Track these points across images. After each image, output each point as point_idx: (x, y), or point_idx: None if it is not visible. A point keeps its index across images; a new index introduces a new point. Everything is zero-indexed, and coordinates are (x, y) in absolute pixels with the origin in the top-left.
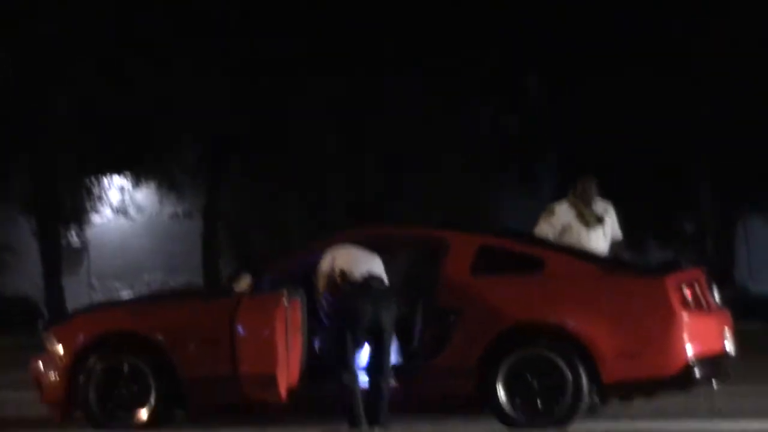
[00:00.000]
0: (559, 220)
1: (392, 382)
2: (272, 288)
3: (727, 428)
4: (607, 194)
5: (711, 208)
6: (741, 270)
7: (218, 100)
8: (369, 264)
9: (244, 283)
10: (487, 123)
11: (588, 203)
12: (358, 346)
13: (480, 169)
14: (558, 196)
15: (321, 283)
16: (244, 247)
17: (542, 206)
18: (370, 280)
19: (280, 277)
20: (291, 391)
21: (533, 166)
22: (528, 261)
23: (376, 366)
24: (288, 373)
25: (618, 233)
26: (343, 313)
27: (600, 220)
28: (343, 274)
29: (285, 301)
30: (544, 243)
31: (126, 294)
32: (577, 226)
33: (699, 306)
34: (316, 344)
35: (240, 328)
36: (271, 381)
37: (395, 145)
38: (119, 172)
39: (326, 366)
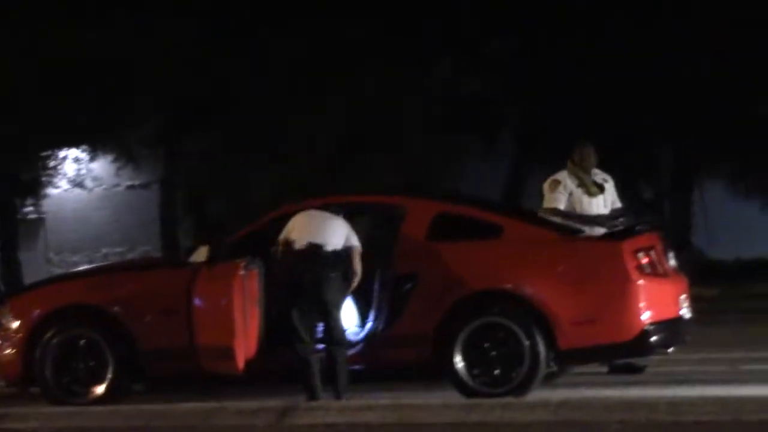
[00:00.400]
0: (566, 189)
1: (349, 352)
2: (229, 258)
3: (683, 393)
4: (566, 159)
5: (669, 173)
6: (698, 235)
7: (176, 68)
8: (316, 233)
9: (201, 253)
10: (447, 86)
11: (587, 171)
12: (310, 316)
13: (439, 132)
14: (518, 163)
15: (277, 253)
16: (203, 218)
17: (503, 172)
18: (312, 249)
19: (237, 247)
20: (249, 363)
21: (494, 130)
22: (486, 227)
23: (328, 337)
24: (246, 344)
25: (617, 201)
26: (287, 283)
27: (601, 188)
28: (287, 243)
29: (242, 271)
30: (501, 208)
31: (83, 267)
32: (579, 195)
33: (655, 271)
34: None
35: (197, 299)
36: (229, 352)
37: (356, 108)
38: (76, 144)
39: (284, 337)
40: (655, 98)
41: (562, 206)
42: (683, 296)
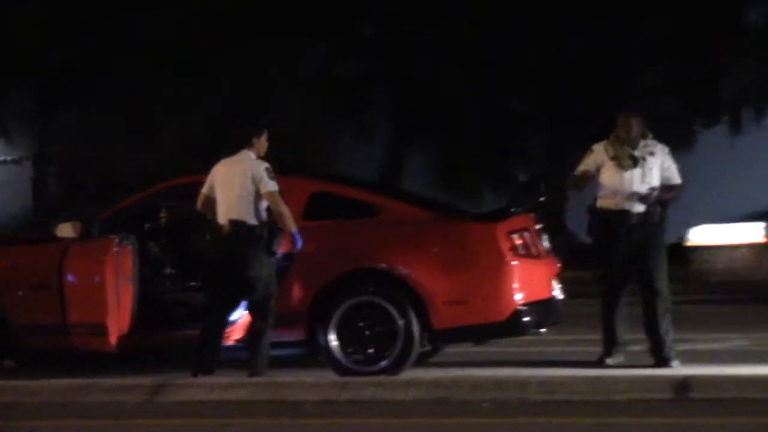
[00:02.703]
0: (594, 160)
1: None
2: (102, 234)
3: (554, 374)
4: (440, 141)
5: (543, 155)
6: (572, 217)
7: (48, 43)
8: (228, 207)
9: (70, 228)
10: (322, 68)
11: (624, 142)
12: (219, 293)
13: (315, 114)
14: (394, 144)
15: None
16: (76, 193)
17: (377, 153)
18: (233, 227)
19: (111, 223)
20: (122, 340)
21: (369, 112)
22: (362, 207)
23: (254, 312)
24: (119, 321)
25: (671, 177)
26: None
27: (635, 162)
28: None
29: (116, 248)
30: (379, 188)
31: None
32: (610, 167)
33: (529, 253)
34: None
35: (69, 276)
36: (102, 329)
37: (231, 89)
38: None
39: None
40: (526, 81)
41: (578, 172)
42: (556, 278)
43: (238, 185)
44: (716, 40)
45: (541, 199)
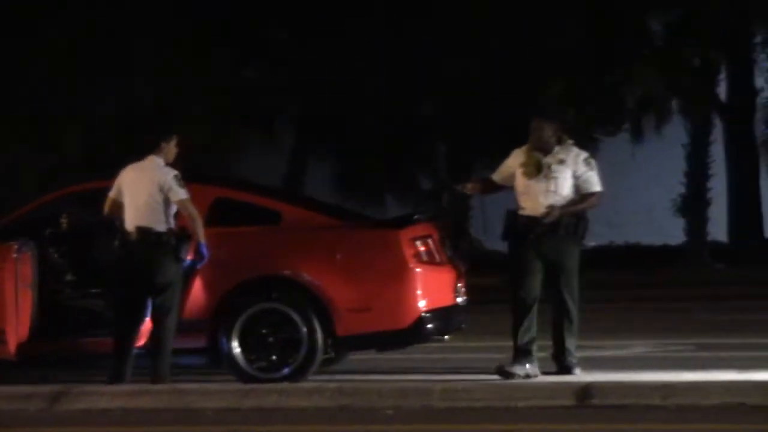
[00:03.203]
0: (507, 166)
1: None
2: (1, 240)
3: (457, 380)
4: (343, 147)
5: (446, 163)
6: (476, 225)
7: None
8: (135, 214)
9: None
10: (226, 75)
11: (535, 148)
12: (128, 299)
13: (219, 121)
14: (297, 152)
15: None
16: None
17: (283, 160)
18: (140, 234)
19: (10, 229)
20: (22, 347)
21: (273, 120)
22: (264, 213)
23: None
24: (18, 328)
25: (587, 186)
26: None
27: (539, 170)
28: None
29: (15, 254)
30: (282, 195)
31: None
32: (519, 174)
33: (432, 260)
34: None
35: None
36: (0, 336)
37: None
38: None
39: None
40: (430, 89)
41: (496, 177)
42: (459, 285)
43: (145, 192)
44: (618, 49)
45: (444, 206)
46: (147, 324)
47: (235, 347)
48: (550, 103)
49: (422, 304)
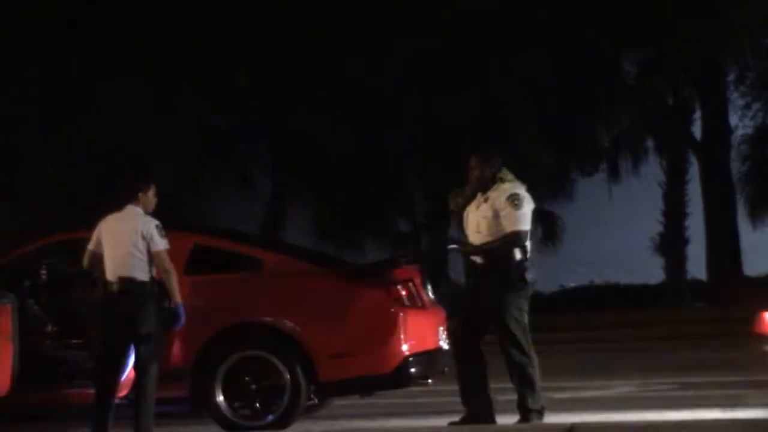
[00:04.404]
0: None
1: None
2: None
3: (442, 424)
4: (322, 192)
5: (424, 205)
6: (455, 267)
7: None
8: (117, 264)
9: None
10: (198, 124)
11: (472, 187)
12: (110, 351)
13: (195, 170)
14: (274, 198)
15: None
16: None
17: (258, 205)
18: (122, 284)
19: None
20: (2, 400)
21: (247, 165)
22: (245, 260)
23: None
24: None
25: (504, 225)
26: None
27: (458, 207)
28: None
29: None
30: (261, 242)
31: None
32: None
33: (414, 303)
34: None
35: None
36: None
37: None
38: None
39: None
40: (407, 133)
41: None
42: (441, 328)
43: (128, 242)
44: (591, 88)
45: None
46: (129, 374)
47: (218, 395)
48: (523, 143)
49: (405, 348)
